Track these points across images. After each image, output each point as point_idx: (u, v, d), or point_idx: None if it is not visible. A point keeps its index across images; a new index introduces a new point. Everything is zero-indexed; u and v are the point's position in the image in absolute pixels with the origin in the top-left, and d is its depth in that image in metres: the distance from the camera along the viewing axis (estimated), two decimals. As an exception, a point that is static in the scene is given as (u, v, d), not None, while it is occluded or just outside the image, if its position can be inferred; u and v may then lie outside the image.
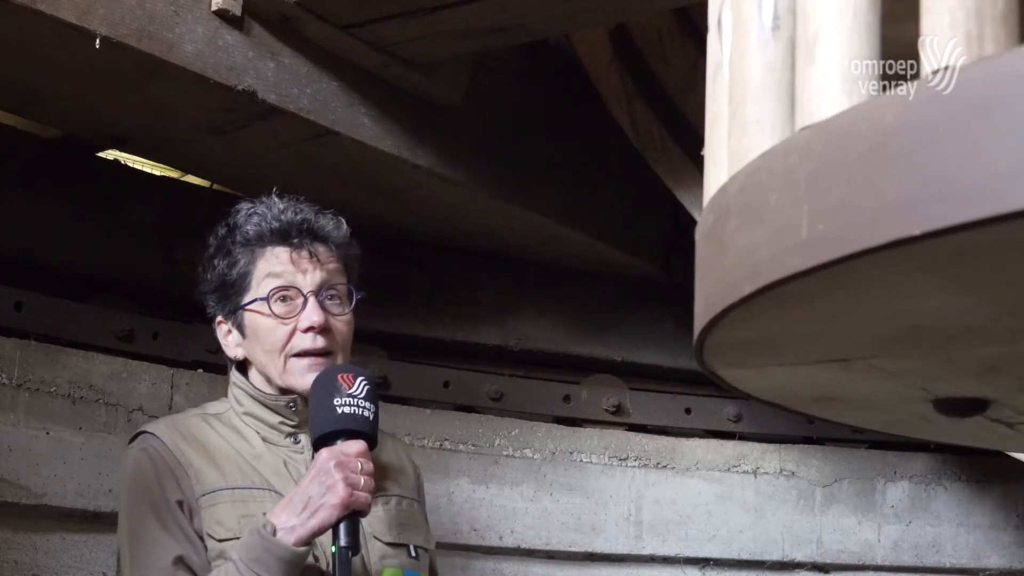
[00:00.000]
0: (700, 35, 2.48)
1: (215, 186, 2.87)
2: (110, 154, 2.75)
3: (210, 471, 1.86)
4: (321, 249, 1.94)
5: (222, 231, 1.96)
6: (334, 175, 2.56)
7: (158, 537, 1.80)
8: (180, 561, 1.79)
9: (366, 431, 1.80)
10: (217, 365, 2.71)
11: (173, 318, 2.73)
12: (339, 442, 1.78)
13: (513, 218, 2.81)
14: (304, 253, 1.91)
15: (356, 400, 1.78)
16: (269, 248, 1.92)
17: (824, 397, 1.04)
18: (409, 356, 3.04)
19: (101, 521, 2.52)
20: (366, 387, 1.80)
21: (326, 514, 1.71)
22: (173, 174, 2.95)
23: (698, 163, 2.57)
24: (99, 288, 2.69)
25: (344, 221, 1.99)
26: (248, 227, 1.93)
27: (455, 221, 2.87)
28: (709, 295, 0.82)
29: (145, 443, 1.89)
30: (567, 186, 2.86)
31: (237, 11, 2.09)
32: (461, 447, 3.00)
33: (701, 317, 0.84)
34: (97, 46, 1.92)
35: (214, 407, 2.00)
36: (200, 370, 2.73)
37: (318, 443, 1.79)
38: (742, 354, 0.92)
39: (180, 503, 1.83)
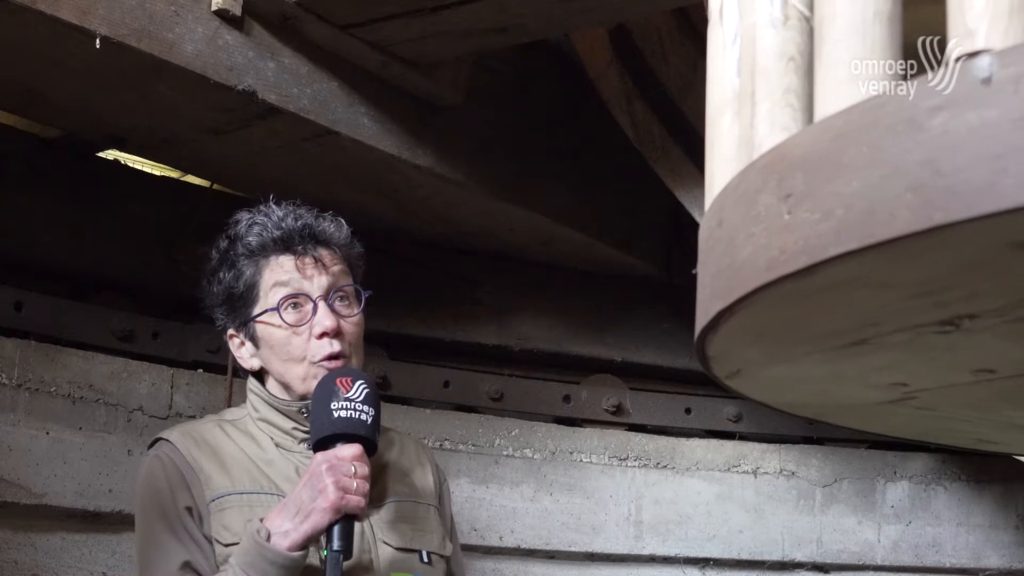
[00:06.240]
0: (700, 35, 2.47)
1: (215, 186, 2.87)
2: (110, 154, 2.75)
3: (220, 476, 1.85)
4: (325, 253, 1.92)
5: (223, 243, 1.94)
6: (334, 175, 2.56)
7: (166, 543, 1.81)
8: (187, 566, 1.79)
9: (362, 434, 1.78)
10: (217, 365, 2.71)
11: (173, 318, 2.73)
12: (336, 446, 1.77)
13: (513, 218, 2.81)
14: (308, 259, 1.90)
15: (353, 404, 1.77)
16: (273, 257, 1.91)
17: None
18: (409, 356, 3.04)
19: (101, 521, 2.53)
20: (365, 390, 1.79)
21: (317, 518, 1.70)
22: (173, 174, 2.94)
23: (698, 163, 2.57)
24: (99, 288, 2.69)
25: (344, 222, 1.98)
26: (250, 238, 1.91)
27: (455, 221, 2.87)
28: (712, 292, 0.82)
29: (159, 450, 1.90)
30: (567, 186, 2.86)
31: (237, 11, 2.09)
32: (461, 447, 3.00)
33: (703, 315, 0.83)
34: (97, 46, 1.92)
35: (232, 413, 2.00)
36: (200, 370, 2.73)
37: (317, 447, 1.79)
38: (745, 352, 0.92)
39: (189, 509, 1.82)
